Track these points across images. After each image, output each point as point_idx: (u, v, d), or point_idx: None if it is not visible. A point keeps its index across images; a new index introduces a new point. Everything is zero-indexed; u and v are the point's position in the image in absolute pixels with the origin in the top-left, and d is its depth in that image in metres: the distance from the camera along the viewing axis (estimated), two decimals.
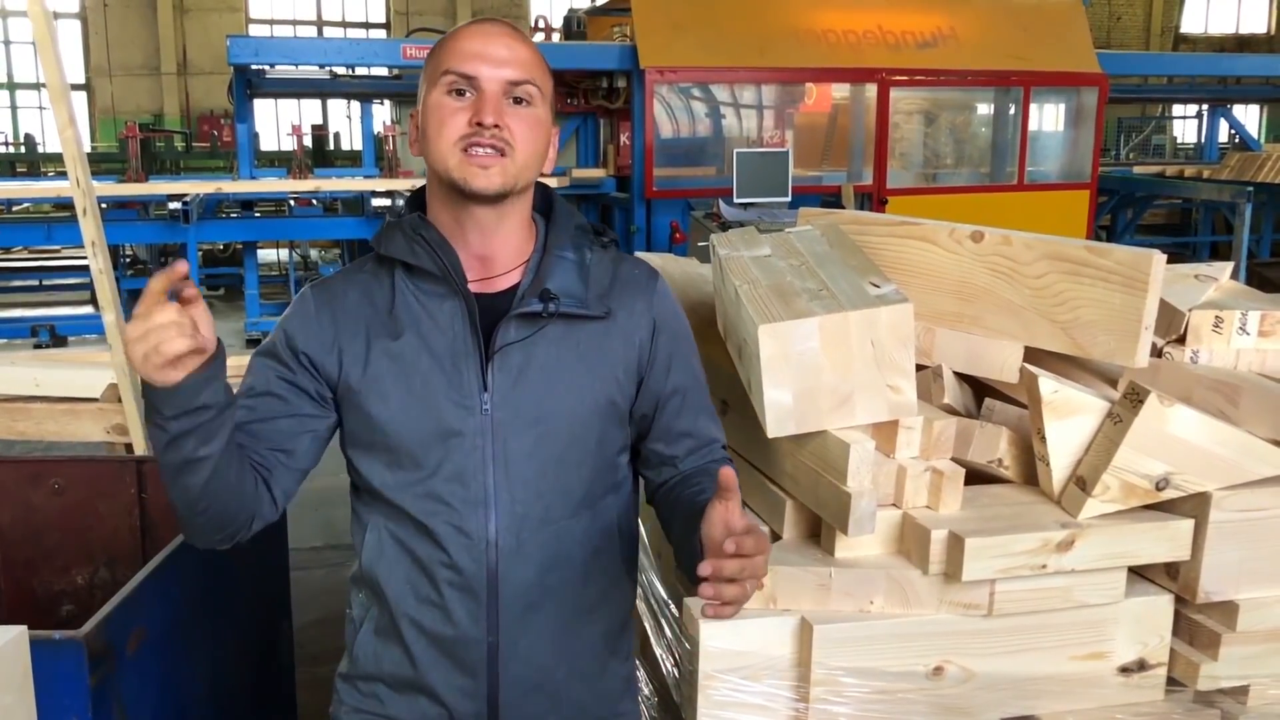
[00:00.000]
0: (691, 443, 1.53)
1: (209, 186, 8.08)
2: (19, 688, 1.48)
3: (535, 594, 1.43)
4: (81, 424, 3.18)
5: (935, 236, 1.81)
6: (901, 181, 8.53)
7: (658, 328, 1.48)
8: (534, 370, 1.40)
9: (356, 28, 23.70)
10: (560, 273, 1.41)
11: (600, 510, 1.48)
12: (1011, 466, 1.71)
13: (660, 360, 1.49)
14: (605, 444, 1.47)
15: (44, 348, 8.40)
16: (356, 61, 8.54)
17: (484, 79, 1.34)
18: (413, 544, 1.42)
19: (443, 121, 1.35)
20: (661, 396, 1.50)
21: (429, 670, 1.44)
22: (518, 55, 1.36)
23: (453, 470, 1.39)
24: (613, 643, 1.54)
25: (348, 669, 1.53)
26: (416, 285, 1.41)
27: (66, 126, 2.85)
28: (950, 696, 1.58)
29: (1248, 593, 1.61)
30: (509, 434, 1.40)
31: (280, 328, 1.47)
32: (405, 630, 1.44)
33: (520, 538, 1.41)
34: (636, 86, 7.69)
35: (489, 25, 1.40)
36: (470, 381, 1.39)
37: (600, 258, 1.47)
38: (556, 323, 1.40)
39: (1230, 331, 1.89)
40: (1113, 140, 17.36)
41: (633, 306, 1.47)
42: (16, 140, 20.34)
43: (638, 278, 1.50)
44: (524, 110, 1.37)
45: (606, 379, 1.44)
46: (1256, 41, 25.74)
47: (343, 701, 1.53)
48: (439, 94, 1.36)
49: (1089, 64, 8.67)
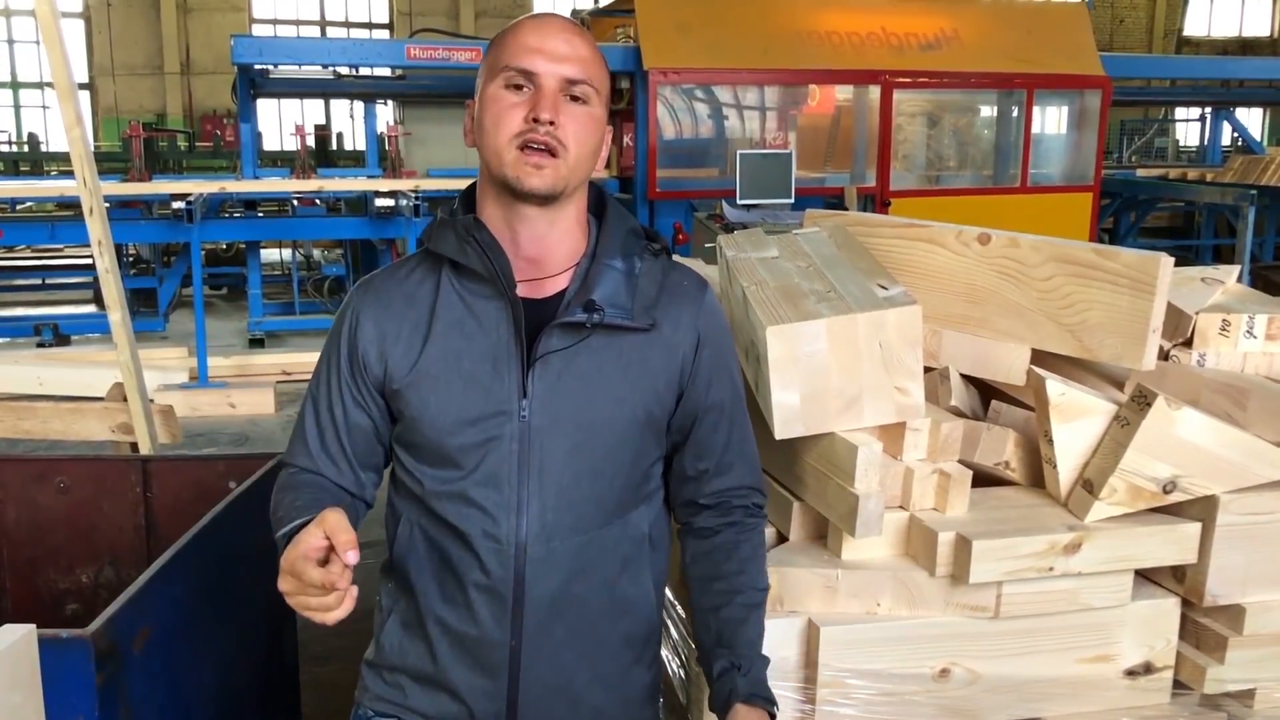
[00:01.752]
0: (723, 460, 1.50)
1: (212, 186, 8.07)
2: (27, 686, 1.49)
3: (561, 601, 1.42)
4: (86, 423, 3.18)
5: (943, 239, 1.81)
6: (904, 183, 8.52)
7: (702, 341, 1.46)
8: (574, 379, 1.39)
9: (360, 28, 23.72)
10: (607, 282, 1.40)
11: (632, 521, 1.47)
12: (1018, 469, 1.71)
13: (702, 375, 1.47)
14: (641, 455, 1.46)
15: (47, 346, 8.41)
16: (360, 61, 8.52)
17: (542, 75, 1.34)
18: (443, 542, 1.43)
19: (499, 116, 1.35)
20: (700, 411, 1.48)
21: (450, 668, 1.44)
22: (577, 52, 1.36)
23: (487, 474, 1.39)
24: (637, 650, 1.52)
25: (374, 657, 1.53)
26: (463, 284, 1.41)
27: (74, 125, 2.85)
28: (956, 699, 1.58)
29: (1254, 596, 1.61)
30: (545, 441, 1.39)
31: (331, 339, 1.48)
32: (430, 626, 1.45)
33: (550, 545, 1.41)
34: (640, 88, 7.68)
35: (550, 20, 1.39)
36: (510, 386, 1.38)
37: (650, 267, 1.45)
38: (600, 333, 1.39)
39: (1237, 335, 1.89)
40: (1116, 143, 17.36)
41: (678, 319, 1.45)
42: (20, 139, 20.38)
43: (686, 289, 1.48)
44: (580, 109, 1.36)
45: (646, 391, 1.43)
46: (1260, 44, 25.73)
47: (368, 689, 1.53)
48: (496, 87, 1.36)
49: (1092, 66, 8.66)
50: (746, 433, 1.53)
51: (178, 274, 9.51)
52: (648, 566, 1.51)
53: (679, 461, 1.51)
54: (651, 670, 1.56)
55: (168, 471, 2.58)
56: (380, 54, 8.56)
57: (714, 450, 1.49)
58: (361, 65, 8.90)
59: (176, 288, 9.71)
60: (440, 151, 10.29)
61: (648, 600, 1.52)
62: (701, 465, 1.50)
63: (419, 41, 8.40)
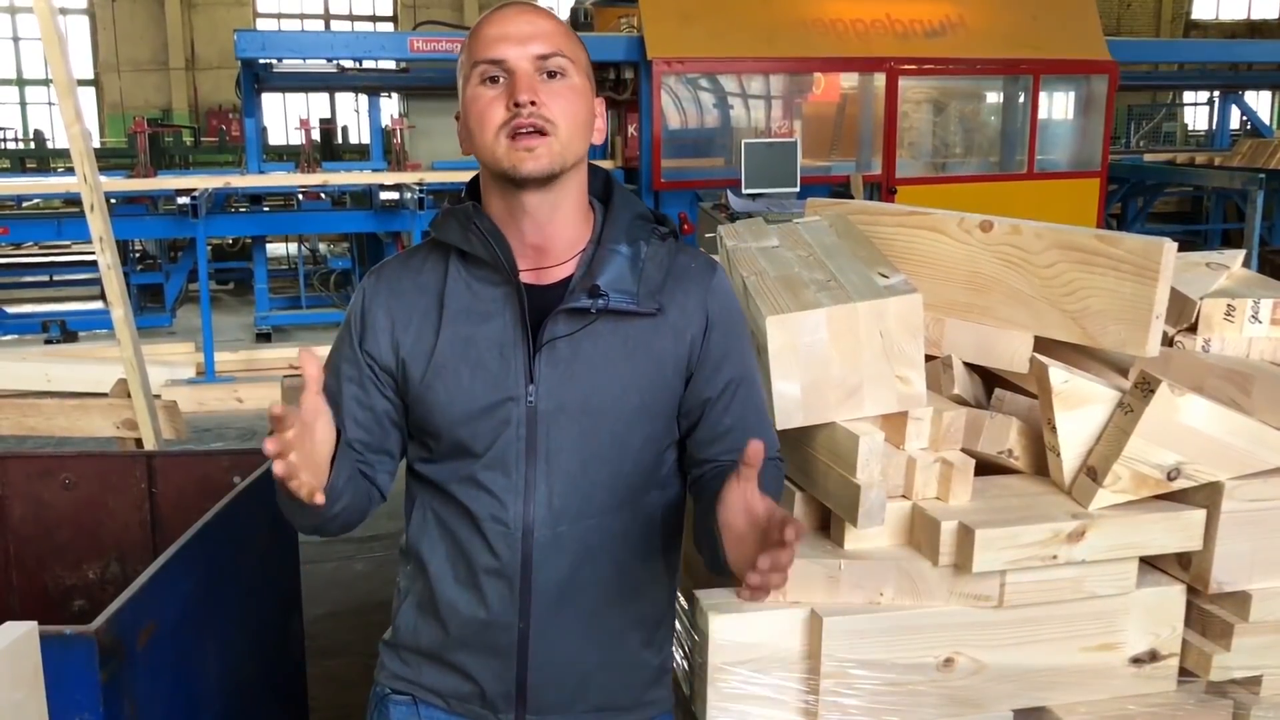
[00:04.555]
0: (735, 439, 1.47)
1: (217, 181, 8.07)
2: (30, 684, 1.49)
3: (569, 584, 1.44)
4: (91, 419, 3.19)
5: (944, 226, 1.80)
6: (911, 171, 8.49)
7: (710, 323, 1.45)
8: (581, 364, 1.40)
9: (364, 21, 23.71)
10: (612, 268, 1.40)
11: (642, 506, 1.48)
12: (1021, 457, 1.70)
13: (713, 357, 1.46)
14: (651, 440, 1.46)
15: (55, 343, 8.44)
16: (364, 55, 8.52)
17: (512, 59, 1.34)
18: (455, 526, 1.45)
19: (482, 113, 1.35)
20: (711, 393, 1.47)
21: (461, 649, 1.47)
22: (540, 29, 1.36)
23: (495, 458, 1.41)
24: (648, 634, 1.53)
25: (391, 637, 1.56)
26: (470, 272, 1.43)
27: (74, 122, 2.85)
28: (961, 688, 1.58)
29: (1260, 583, 1.60)
30: (552, 426, 1.40)
31: (347, 326, 1.49)
32: (443, 608, 1.47)
33: (557, 530, 1.42)
34: (644, 78, 7.66)
35: (508, 6, 1.39)
36: (517, 372, 1.39)
37: (657, 251, 1.44)
38: (606, 318, 1.40)
39: (1242, 320, 1.88)
40: (1123, 128, 17.27)
41: (685, 302, 1.44)
42: (26, 136, 20.42)
43: (693, 271, 1.47)
44: (558, 84, 1.36)
45: (653, 375, 1.43)
46: (1268, 28, 25.53)
47: (385, 666, 1.57)
48: (473, 87, 1.36)
49: (1099, 51, 8.60)
50: (761, 410, 1.52)
51: (184, 269, 9.53)
52: (659, 552, 1.52)
53: (693, 444, 1.50)
54: (662, 653, 1.57)
55: (172, 467, 2.59)
56: (384, 47, 8.55)
57: (728, 432, 1.47)
58: (365, 58, 8.90)
59: (183, 283, 9.73)
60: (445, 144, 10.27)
61: (659, 584, 1.54)
62: (715, 448, 1.48)
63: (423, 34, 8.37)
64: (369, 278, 1.50)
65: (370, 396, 1.46)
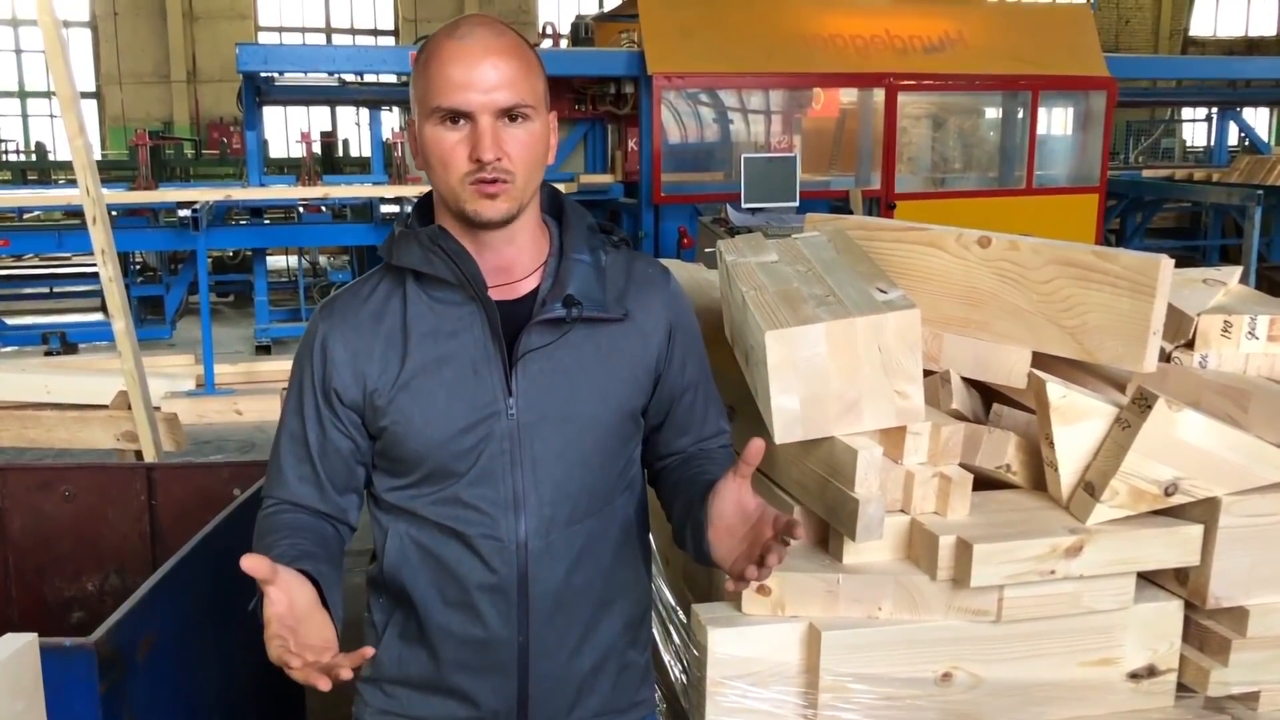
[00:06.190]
0: (699, 434, 1.57)
1: (218, 194, 8.10)
2: (29, 695, 1.49)
3: (563, 592, 1.45)
4: (91, 431, 3.20)
5: (942, 242, 1.81)
6: (910, 186, 8.52)
7: (673, 326, 1.51)
8: (558, 374, 1.41)
9: (365, 35, 23.76)
10: (578, 277, 1.42)
11: (618, 506, 1.51)
12: (1020, 472, 1.70)
13: (677, 358, 1.52)
14: (625, 442, 1.50)
15: (55, 354, 8.44)
16: (365, 68, 8.56)
17: (476, 110, 1.32)
18: (439, 550, 1.44)
19: (444, 157, 1.34)
20: (676, 393, 1.54)
21: (457, 671, 1.46)
22: (504, 76, 1.32)
23: (480, 475, 1.41)
24: (632, 633, 1.57)
25: (371, 673, 1.52)
26: (431, 294, 1.41)
27: (76, 135, 2.87)
28: (959, 703, 1.58)
29: (1258, 598, 1.61)
30: (535, 437, 1.41)
31: (299, 367, 1.46)
32: (433, 633, 1.46)
33: (549, 539, 1.43)
34: (644, 92, 7.69)
35: (470, 44, 1.32)
36: (495, 387, 1.40)
37: (614, 258, 1.48)
38: (579, 326, 1.42)
39: (1239, 336, 1.88)
40: (1121, 144, 17.30)
41: (649, 306, 1.49)
42: (28, 148, 20.44)
43: (651, 276, 1.52)
44: (519, 129, 1.34)
45: (627, 379, 1.47)
46: (1266, 44, 25.61)
47: (367, 703, 1.54)
48: (433, 127, 1.34)
49: (1097, 67, 8.64)
50: (718, 402, 1.61)
51: (184, 281, 9.53)
52: (637, 549, 1.57)
53: (659, 440, 1.57)
54: (645, 653, 1.61)
55: (172, 478, 2.59)
56: (385, 60, 8.60)
57: (692, 426, 1.56)
58: (366, 72, 8.94)
59: (183, 295, 9.74)
60: None
61: (639, 582, 1.58)
62: (682, 442, 1.57)
63: None
64: (320, 314, 1.47)
65: (335, 435, 1.44)
